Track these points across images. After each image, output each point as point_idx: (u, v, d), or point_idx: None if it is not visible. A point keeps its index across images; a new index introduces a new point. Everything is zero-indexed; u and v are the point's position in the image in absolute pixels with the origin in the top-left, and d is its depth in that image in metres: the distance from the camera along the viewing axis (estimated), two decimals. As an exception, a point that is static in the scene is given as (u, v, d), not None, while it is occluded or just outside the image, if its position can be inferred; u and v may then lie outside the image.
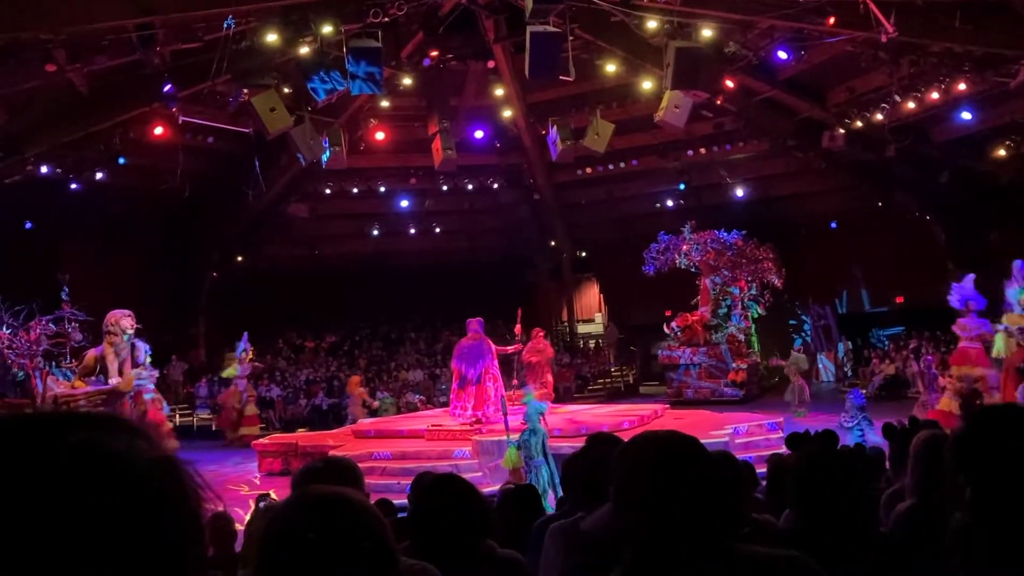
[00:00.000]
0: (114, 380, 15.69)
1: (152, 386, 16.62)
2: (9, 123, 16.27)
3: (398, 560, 1.57)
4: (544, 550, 3.31)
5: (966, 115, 18.51)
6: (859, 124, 19.04)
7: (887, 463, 6.00)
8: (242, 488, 14.11)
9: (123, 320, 15.88)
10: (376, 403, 19.58)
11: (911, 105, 17.89)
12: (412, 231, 27.46)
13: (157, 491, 0.79)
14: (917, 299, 23.81)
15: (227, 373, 19.71)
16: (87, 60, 14.33)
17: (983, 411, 2.32)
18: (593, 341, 28.92)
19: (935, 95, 17.42)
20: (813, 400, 18.37)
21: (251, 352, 19.88)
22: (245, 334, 19.73)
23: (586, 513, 3.26)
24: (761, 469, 6.84)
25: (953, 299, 14.81)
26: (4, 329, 15.29)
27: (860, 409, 12.09)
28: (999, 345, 14.09)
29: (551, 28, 13.85)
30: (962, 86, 16.91)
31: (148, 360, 16.42)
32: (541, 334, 19.40)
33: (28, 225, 19.96)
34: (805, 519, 2.71)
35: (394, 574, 1.52)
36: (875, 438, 10.59)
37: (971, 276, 14.84)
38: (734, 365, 21.55)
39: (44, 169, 17.82)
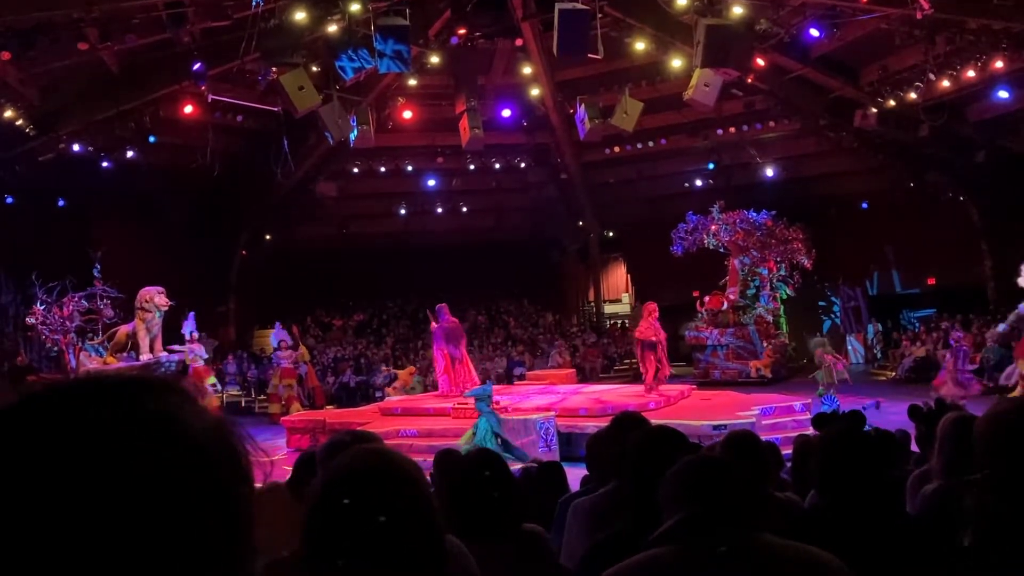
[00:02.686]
0: (145, 356, 15.91)
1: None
2: (42, 101, 16.46)
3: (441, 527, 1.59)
4: (567, 526, 3.33)
5: (1003, 94, 18.10)
6: (892, 103, 18.69)
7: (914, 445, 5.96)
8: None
9: (156, 297, 16.06)
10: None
11: (946, 83, 17.53)
12: (439, 210, 27.44)
13: (216, 454, 0.81)
14: (950, 281, 23.49)
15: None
16: (118, 38, 14.44)
17: None
18: (620, 321, 28.81)
19: (971, 73, 17.05)
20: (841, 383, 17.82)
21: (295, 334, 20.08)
22: (277, 323, 19.94)
23: (609, 490, 3.27)
24: (787, 450, 6.83)
25: None
26: (38, 305, 15.56)
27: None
28: None
29: (579, 6, 13.77)
30: (999, 64, 16.52)
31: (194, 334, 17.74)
32: (654, 309, 15.85)
33: (61, 202, 20.21)
34: (829, 499, 2.70)
35: (442, 542, 1.55)
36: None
37: None
38: (762, 346, 21.41)
39: (76, 147, 18.01)
